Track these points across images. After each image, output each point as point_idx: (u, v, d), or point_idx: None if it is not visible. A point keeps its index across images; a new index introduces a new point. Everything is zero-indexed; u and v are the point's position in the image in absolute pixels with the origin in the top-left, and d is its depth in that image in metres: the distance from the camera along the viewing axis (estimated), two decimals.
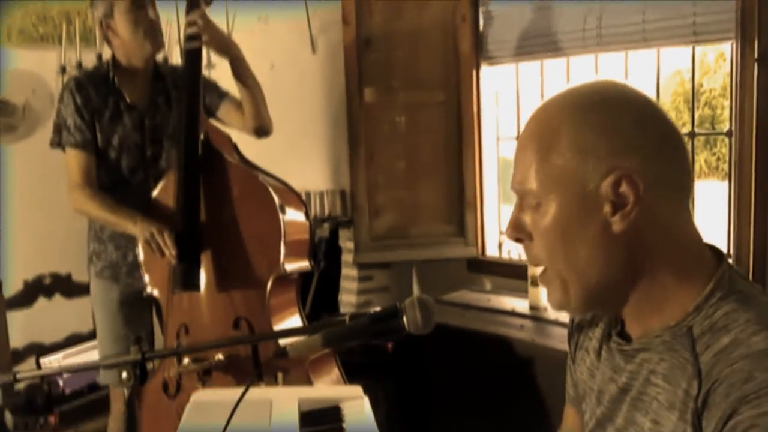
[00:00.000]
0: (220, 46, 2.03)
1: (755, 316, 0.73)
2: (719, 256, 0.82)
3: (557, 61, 2.48)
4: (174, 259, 1.83)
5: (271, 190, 1.90)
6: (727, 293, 0.77)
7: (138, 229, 1.89)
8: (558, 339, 1.82)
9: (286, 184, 2.01)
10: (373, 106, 2.67)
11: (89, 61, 3.01)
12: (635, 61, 2.31)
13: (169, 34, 2.89)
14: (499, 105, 2.69)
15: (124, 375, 1.12)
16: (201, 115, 1.97)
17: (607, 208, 0.77)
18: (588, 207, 0.78)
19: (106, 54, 2.35)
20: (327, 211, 2.71)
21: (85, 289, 2.27)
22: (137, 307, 2.10)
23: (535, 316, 2.05)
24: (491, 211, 2.64)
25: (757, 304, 0.75)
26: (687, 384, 0.73)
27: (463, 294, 2.38)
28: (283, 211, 1.87)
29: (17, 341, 2.59)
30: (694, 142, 2.26)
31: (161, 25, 2.09)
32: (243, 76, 2.07)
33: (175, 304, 1.90)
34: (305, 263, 1.95)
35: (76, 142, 1.99)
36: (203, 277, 1.87)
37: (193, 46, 1.93)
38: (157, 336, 2.21)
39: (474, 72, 2.61)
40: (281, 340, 1.36)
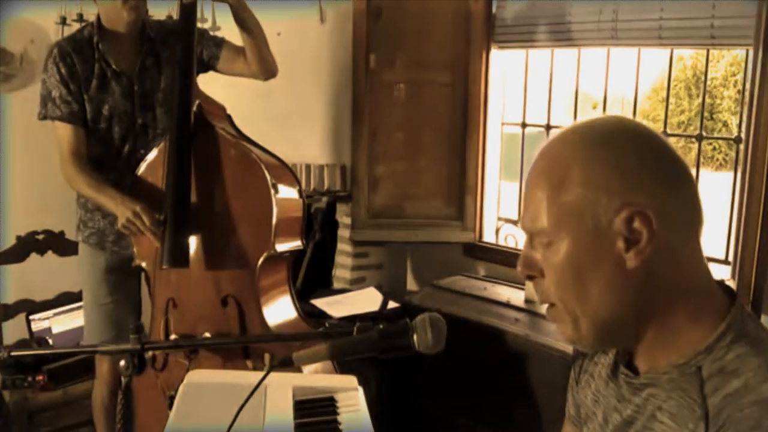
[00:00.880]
0: None
1: (767, 361, 0.74)
2: (731, 294, 0.82)
3: (568, 51, 2.45)
4: (156, 241, 1.79)
5: (263, 167, 1.83)
6: (738, 335, 0.77)
7: (119, 210, 1.82)
8: (552, 336, 1.83)
9: (279, 160, 1.95)
10: (378, 83, 2.64)
11: (90, 14, 2.92)
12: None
13: None
14: (506, 90, 2.66)
15: (122, 363, 1.11)
16: (195, 80, 1.90)
17: (620, 245, 0.77)
18: (601, 244, 0.78)
19: (89, 14, 2.26)
20: (326, 185, 2.69)
21: (77, 248, 2.26)
22: (124, 275, 2.07)
23: (530, 310, 2.06)
24: (491, 196, 2.64)
25: None
26: (694, 425, 0.74)
27: (458, 280, 2.39)
28: (275, 189, 1.81)
29: (8, 297, 2.58)
30: (701, 145, 2.26)
31: None
32: (244, 19, 1.96)
33: (163, 277, 1.88)
34: (297, 242, 1.91)
35: (62, 114, 1.92)
36: (192, 254, 1.83)
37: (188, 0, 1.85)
38: (145, 303, 2.21)
39: (483, 55, 2.57)
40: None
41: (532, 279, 0.85)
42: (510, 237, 2.64)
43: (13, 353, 1.22)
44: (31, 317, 2.65)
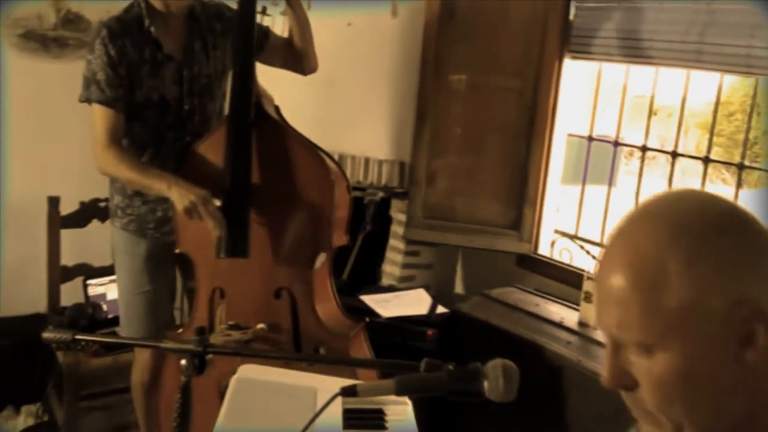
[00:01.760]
0: None
1: None
2: None
3: (644, 69, 2.38)
4: (222, 230, 1.74)
5: (326, 163, 1.86)
6: None
7: (174, 194, 1.76)
8: None
9: (328, 155, 1.95)
10: (445, 82, 2.61)
11: None
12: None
13: None
14: (576, 102, 2.60)
15: (183, 362, 1.13)
16: (255, 67, 1.86)
17: (734, 345, 0.69)
18: (713, 348, 0.70)
19: None
20: (383, 181, 2.68)
21: None
22: (162, 262, 2.04)
23: (583, 334, 2.03)
24: (550, 208, 2.59)
25: None
26: None
27: (510, 292, 2.36)
28: (336, 186, 1.83)
29: (67, 259, 2.66)
30: (741, 174, 2.20)
31: None
32: (297, 15, 1.98)
33: (212, 266, 1.86)
34: (346, 238, 1.93)
35: (106, 98, 1.82)
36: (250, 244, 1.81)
37: None
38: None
39: (556, 63, 2.51)
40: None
41: (626, 390, 0.75)
42: (565, 251, 2.59)
43: (77, 337, 1.25)
44: (88, 282, 2.74)
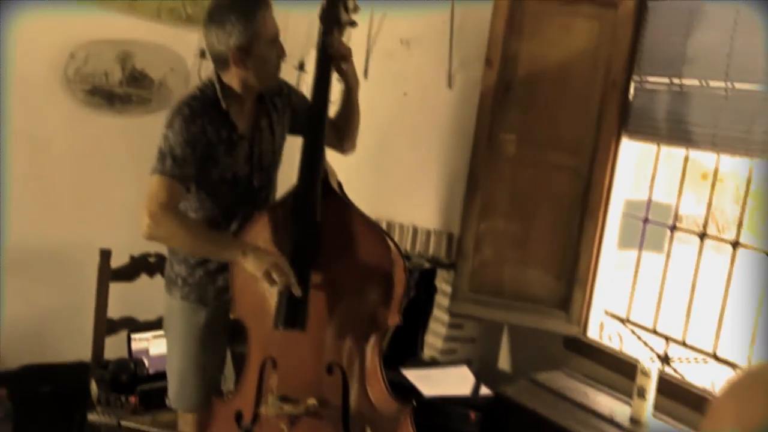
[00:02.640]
0: (350, 69, 1.95)
1: None
2: None
3: (705, 154, 2.33)
4: (298, 290, 1.73)
5: (389, 242, 1.87)
6: None
7: (251, 259, 1.75)
8: None
9: (388, 235, 1.96)
10: (498, 156, 2.59)
11: None
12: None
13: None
14: (631, 183, 2.55)
15: None
16: (324, 137, 1.90)
17: None
18: None
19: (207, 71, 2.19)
20: (431, 251, 2.66)
21: None
22: (217, 329, 2.03)
23: None
24: (602, 289, 2.52)
25: None
26: None
27: (558, 377, 2.28)
28: (395, 265, 1.83)
29: (114, 312, 2.69)
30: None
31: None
32: (353, 102, 2.02)
33: (266, 336, 1.85)
34: (397, 318, 1.89)
35: (179, 175, 1.82)
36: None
37: (334, 64, 1.89)
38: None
39: (613, 143, 2.47)
40: None
41: None
42: (615, 335, 2.51)
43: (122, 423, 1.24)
44: (132, 336, 2.76)
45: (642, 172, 2.70)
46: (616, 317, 2.53)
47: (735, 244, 2.22)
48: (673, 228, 2.44)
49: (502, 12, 2.56)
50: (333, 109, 2.10)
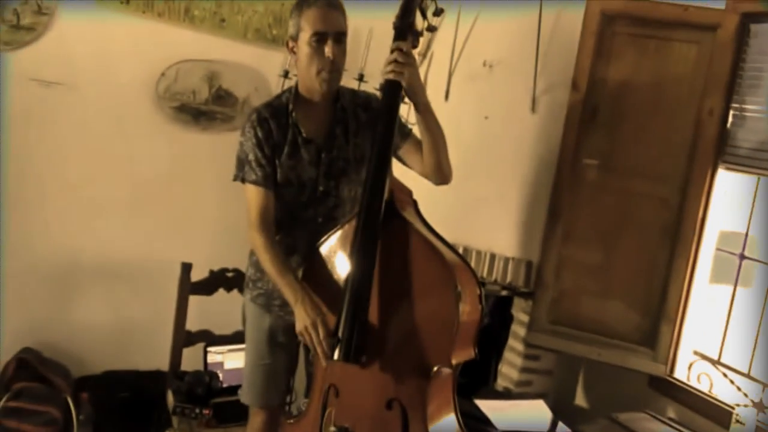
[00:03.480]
0: (414, 87, 1.83)
1: None
2: None
3: None
4: (324, 358, 1.76)
5: (453, 272, 1.72)
6: None
7: (298, 310, 1.82)
8: None
9: (462, 258, 1.83)
10: (582, 184, 2.50)
11: None
12: None
13: None
14: (725, 217, 2.40)
15: None
16: (391, 168, 1.81)
17: None
18: None
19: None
20: (509, 279, 2.59)
21: None
22: (287, 338, 2.05)
23: None
24: (691, 327, 2.38)
25: None
26: None
27: (641, 419, 2.16)
28: (460, 297, 1.69)
29: (192, 324, 2.75)
30: None
31: (343, 64, 1.94)
32: (427, 123, 1.89)
33: (331, 364, 1.81)
34: (471, 352, 1.78)
35: (257, 178, 1.94)
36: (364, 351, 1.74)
37: (392, 78, 1.79)
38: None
39: (708, 174, 2.34)
40: None
41: None
42: (704, 376, 2.36)
43: None
44: (209, 349, 2.81)
45: (738, 202, 2.55)
46: (705, 357, 2.38)
47: None
48: None
49: (590, 34, 2.49)
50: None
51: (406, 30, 1.82)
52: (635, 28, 2.47)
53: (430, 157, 1.95)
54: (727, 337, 2.38)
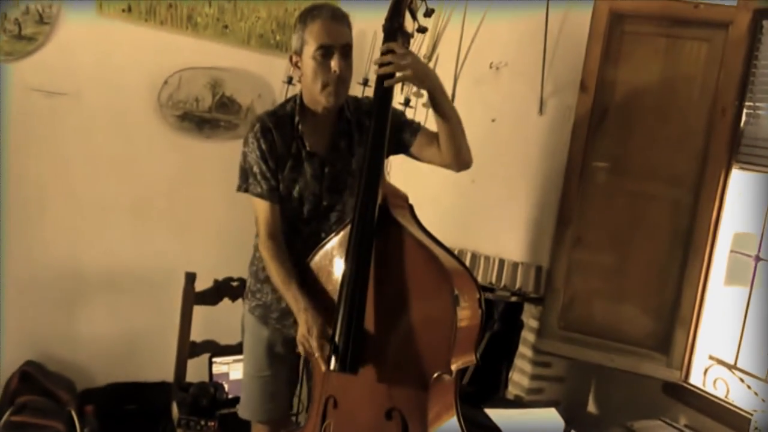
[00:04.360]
0: (418, 78, 1.79)
1: None
2: None
3: None
4: (322, 365, 1.72)
5: (449, 277, 1.67)
6: None
7: (301, 319, 1.79)
8: None
9: (461, 262, 1.80)
10: (593, 186, 2.45)
11: None
12: None
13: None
14: (740, 218, 2.35)
15: None
16: (384, 172, 1.79)
17: None
18: None
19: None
20: (518, 284, 2.53)
21: None
22: (285, 350, 2.02)
23: None
24: (706, 332, 2.32)
25: None
26: None
27: (657, 427, 2.10)
28: (458, 302, 1.65)
29: (197, 335, 2.72)
30: None
31: (350, 78, 1.90)
32: (442, 108, 1.84)
33: (327, 374, 1.77)
34: (471, 357, 1.75)
35: (262, 191, 1.91)
36: (361, 360, 1.71)
37: (380, 73, 1.76)
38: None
39: (722, 174, 2.29)
40: None
41: None
42: (720, 381, 2.30)
43: None
44: (214, 359, 2.78)
45: (753, 203, 2.49)
46: (721, 362, 2.32)
47: None
48: None
49: (598, 34, 2.44)
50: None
51: (395, 31, 1.79)
52: (644, 27, 2.43)
53: (448, 143, 1.88)
54: (744, 340, 2.32)
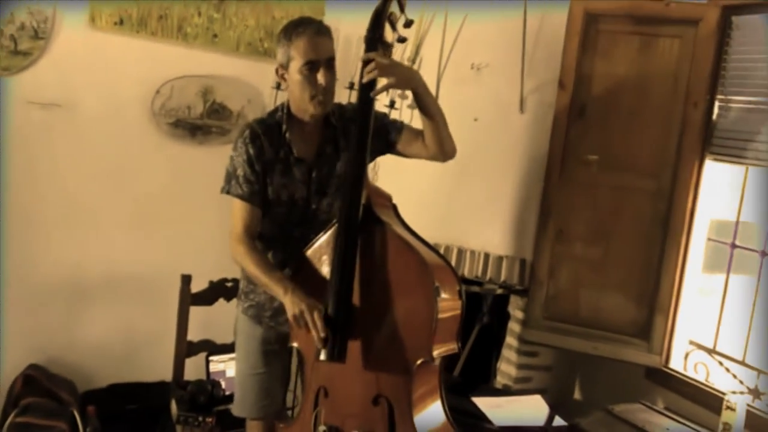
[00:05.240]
0: (402, 81, 1.89)
1: None
2: None
3: None
4: (320, 342, 1.77)
5: (429, 270, 1.77)
6: None
7: (288, 300, 1.82)
8: None
9: (442, 256, 1.90)
10: (573, 180, 2.53)
11: None
12: None
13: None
14: (716, 207, 2.42)
15: None
16: (367, 172, 1.87)
17: None
18: None
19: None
20: (503, 277, 2.61)
21: None
22: (278, 347, 2.09)
23: None
24: (685, 318, 2.40)
25: None
26: None
27: (637, 410, 2.18)
28: (438, 293, 1.75)
29: (194, 335, 2.79)
30: None
31: (335, 87, 1.99)
32: (427, 105, 1.93)
33: (317, 366, 1.86)
34: (453, 346, 1.83)
35: (243, 193, 1.96)
36: (348, 349, 1.79)
37: (366, 95, 1.84)
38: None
39: (696, 165, 2.37)
40: None
41: None
42: (701, 366, 2.37)
43: None
44: (211, 358, 2.85)
45: (734, 193, 2.57)
46: (701, 347, 2.40)
47: None
48: (763, 254, 2.30)
49: (575, 33, 2.53)
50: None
51: (376, 42, 1.87)
52: (618, 26, 2.51)
53: (432, 137, 1.98)
54: (723, 326, 2.39)
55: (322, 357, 1.77)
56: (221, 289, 2.83)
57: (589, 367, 2.64)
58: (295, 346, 1.95)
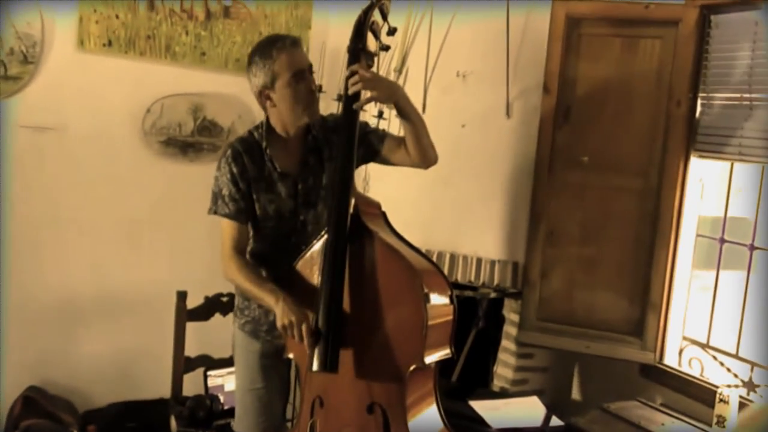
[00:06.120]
0: (385, 95, 1.91)
1: None
2: None
3: None
4: (309, 349, 1.79)
5: (419, 277, 1.77)
6: None
7: (279, 310, 1.85)
8: None
9: (432, 262, 1.91)
10: (561, 182, 2.56)
11: None
12: None
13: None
14: (703, 203, 2.45)
15: None
16: (354, 181, 1.89)
17: None
18: None
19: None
20: (496, 281, 2.63)
21: None
22: (276, 361, 2.10)
23: None
24: (677, 314, 2.42)
25: None
26: None
27: (633, 407, 2.19)
28: (428, 299, 1.75)
29: (191, 350, 2.80)
30: None
31: (318, 95, 2.03)
32: (408, 115, 1.96)
33: (312, 376, 1.87)
34: (446, 351, 1.84)
35: (229, 212, 1.99)
36: (341, 359, 1.79)
37: (350, 107, 1.87)
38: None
39: (681, 163, 2.40)
40: None
41: None
42: (695, 361, 2.39)
43: None
44: (208, 373, 2.86)
45: (722, 188, 2.59)
46: (695, 342, 2.41)
47: None
48: (752, 248, 2.32)
49: (557, 37, 2.56)
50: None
51: (359, 52, 1.90)
52: (600, 29, 2.55)
53: (414, 145, 2.01)
54: (716, 320, 2.41)
55: (315, 368, 1.79)
56: (217, 304, 2.84)
57: (585, 366, 2.65)
58: (290, 357, 1.96)
